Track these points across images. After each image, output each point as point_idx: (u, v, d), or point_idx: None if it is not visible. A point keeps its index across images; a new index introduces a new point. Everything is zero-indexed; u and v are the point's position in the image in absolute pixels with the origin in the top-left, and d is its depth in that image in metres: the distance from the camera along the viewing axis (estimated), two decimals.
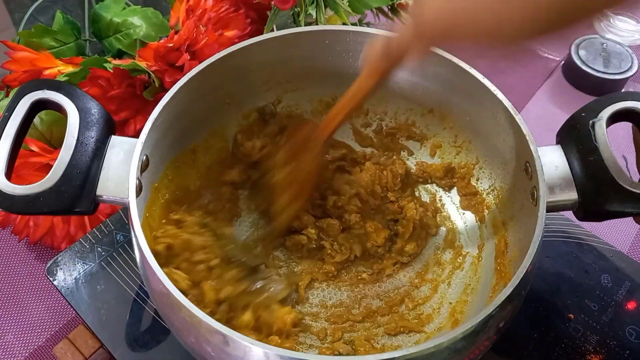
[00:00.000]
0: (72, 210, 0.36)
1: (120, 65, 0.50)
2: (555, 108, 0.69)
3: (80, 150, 0.37)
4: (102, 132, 0.39)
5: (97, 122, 0.39)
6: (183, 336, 0.36)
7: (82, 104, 0.39)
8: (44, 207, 0.36)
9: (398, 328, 0.44)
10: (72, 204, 0.36)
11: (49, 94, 0.38)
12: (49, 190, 0.36)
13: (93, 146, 0.38)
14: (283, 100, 0.51)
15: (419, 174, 0.51)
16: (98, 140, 0.38)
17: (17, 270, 0.53)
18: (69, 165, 0.36)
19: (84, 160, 0.37)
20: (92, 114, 0.39)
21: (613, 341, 0.45)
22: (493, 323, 0.34)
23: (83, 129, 0.38)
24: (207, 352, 0.34)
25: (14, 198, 0.35)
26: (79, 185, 0.36)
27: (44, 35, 0.57)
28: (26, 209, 0.36)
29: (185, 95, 0.42)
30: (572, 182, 0.38)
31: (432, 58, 0.45)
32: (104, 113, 0.39)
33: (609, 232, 0.56)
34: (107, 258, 0.48)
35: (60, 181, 0.36)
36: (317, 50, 0.47)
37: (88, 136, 0.38)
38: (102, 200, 0.38)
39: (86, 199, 0.37)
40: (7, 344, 0.49)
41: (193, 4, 0.54)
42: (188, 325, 0.34)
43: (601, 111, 0.39)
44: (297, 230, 0.47)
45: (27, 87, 0.39)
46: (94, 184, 0.37)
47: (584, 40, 0.70)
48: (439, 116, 0.50)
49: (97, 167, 0.38)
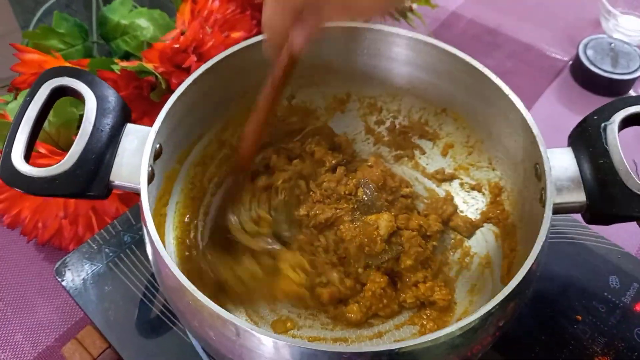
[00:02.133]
0: (86, 193, 0.37)
1: (127, 67, 0.51)
2: (562, 108, 0.68)
3: (96, 136, 0.38)
4: (118, 120, 0.39)
5: (113, 109, 0.39)
6: (188, 321, 0.37)
7: (100, 91, 0.39)
8: (59, 190, 0.37)
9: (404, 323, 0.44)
10: (86, 187, 0.37)
11: (68, 81, 0.39)
12: (64, 174, 0.36)
13: (108, 133, 0.39)
14: (297, 95, 0.52)
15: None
16: (113, 127, 0.39)
17: (26, 270, 0.54)
18: (85, 150, 0.37)
19: (99, 146, 0.38)
20: (109, 101, 0.40)
21: (621, 343, 0.45)
22: (492, 321, 0.34)
23: (100, 115, 0.39)
24: (210, 337, 0.35)
25: (31, 180, 0.36)
26: (93, 170, 0.37)
27: (50, 37, 0.58)
28: (42, 191, 0.37)
29: (202, 85, 0.43)
30: (581, 184, 0.38)
31: (444, 56, 0.45)
32: (120, 101, 0.40)
33: (617, 234, 0.55)
34: (115, 259, 0.49)
35: (75, 165, 0.37)
36: (331, 47, 0.47)
37: (104, 123, 0.39)
38: (115, 186, 0.38)
39: (100, 183, 0.38)
40: (16, 344, 0.49)
41: (199, 6, 0.54)
42: (192, 310, 0.35)
43: (613, 115, 0.39)
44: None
45: (48, 74, 0.39)
46: (108, 170, 0.38)
47: (591, 40, 0.70)
48: (451, 115, 0.50)
49: (112, 153, 0.38)
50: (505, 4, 0.81)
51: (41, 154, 0.48)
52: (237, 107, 0.49)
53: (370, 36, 0.46)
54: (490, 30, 0.77)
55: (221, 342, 0.35)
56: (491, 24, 0.78)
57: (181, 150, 0.45)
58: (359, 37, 0.47)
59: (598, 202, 0.38)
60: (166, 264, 0.34)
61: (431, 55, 0.46)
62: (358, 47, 0.47)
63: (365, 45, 0.47)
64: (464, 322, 0.32)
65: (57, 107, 0.41)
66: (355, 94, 0.52)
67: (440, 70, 0.47)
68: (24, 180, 0.36)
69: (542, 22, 0.78)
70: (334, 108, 0.53)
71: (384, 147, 0.54)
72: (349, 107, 0.53)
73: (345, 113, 0.53)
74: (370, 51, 0.48)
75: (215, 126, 0.48)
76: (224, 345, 0.35)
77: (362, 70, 0.49)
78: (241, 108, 0.49)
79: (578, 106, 0.68)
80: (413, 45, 0.46)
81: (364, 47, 0.47)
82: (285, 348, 0.32)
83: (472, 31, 0.77)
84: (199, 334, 0.37)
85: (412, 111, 0.52)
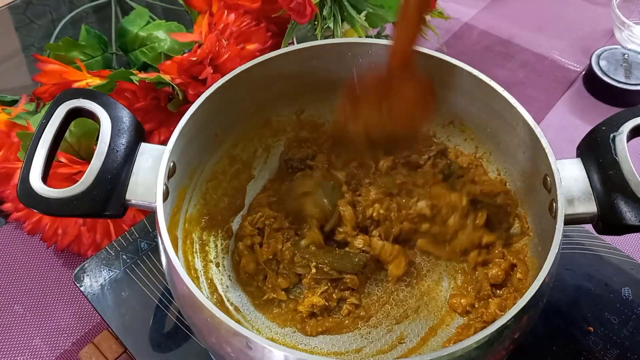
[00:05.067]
0: (103, 213, 0.38)
1: (145, 79, 0.52)
2: (575, 119, 0.68)
3: (112, 157, 0.39)
4: (133, 140, 0.40)
5: (127, 129, 0.40)
6: (205, 337, 0.37)
7: (114, 112, 0.40)
8: (76, 210, 0.37)
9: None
10: (102, 207, 0.38)
11: (84, 103, 0.40)
12: (81, 194, 0.37)
13: (123, 153, 0.39)
14: (306, 110, 0.52)
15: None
16: (128, 147, 0.40)
17: (45, 276, 0.55)
18: (101, 171, 0.38)
19: (115, 166, 0.39)
20: (124, 122, 0.40)
21: (634, 355, 0.44)
22: (508, 334, 0.34)
23: (115, 136, 0.39)
24: (228, 353, 0.35)
25: (49, 201, 0.37)
26: (109, 190, 0.38)
27: (72, 49, 0.59)
28: (59, 212, 0.37)
29: (210, 105, 0.43)
30: (592, 195, 0.38)
31: (452, 70, 0.45)
32: (134, 121, 0.41)
33: (630, 245, 0.55)
34: (132, 265, 0.50)
35: (92, 185, 0.37)
36: (340, 62, 0.48)
37: (119, 143, 0.39)
38: (130, 205, 0.39)
39: (116, 203, 0.38)
40: (35, 347, 0.50)
41: (215, 19, 0.55)
42: (209, 326, 0.35)
43: (622, 125, 0.39)
44: None
45: (64, 95, 0.40)
46: (123, 189, 0.39)
47: (605, 51, 0.70)
48: (459, 127, 0.51)
49: (127, 173, 0.39)
50: (519, 15, 0.81)
51: (62, 163, 0.49)
52: (248, 123, 0.50)
53: (378, 51, 0.47)
54: (503, 41, 0.77)
55: (239, 358, 0.35)
56: (504, 34, 0.78)
57: (193, 166, 0.46)
58: (367, 52, 0.47)
59: (609, 212, 0.38)
60: (182, 280, 0.35)
61: (439, 69, 0.46)
62: (366, 62, 0.48)
63: (374, 60, 0.48)
64: (480, 335, 0.32)
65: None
66: None
67: (447, 84, 0.47)
68: (42, 201, 0.36)
69: (556, 32, 0.79)
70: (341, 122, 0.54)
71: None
72: None
73: None
74: (377, 65, 0.48)
75: (227, 142, 0.49)
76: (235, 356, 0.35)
77: None
78: (252, 123, 0.50)
79: (591, 117, 0.68)
80: (420, 60, 0.47)
81: (371, 62, 0.48)
82: None
83: (484, 42, 0.77)
84: (215, 350, 0.37)
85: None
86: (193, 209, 0.47)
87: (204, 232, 0.48)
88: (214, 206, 0.49)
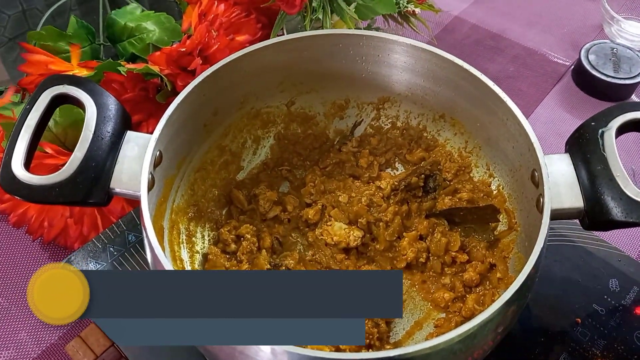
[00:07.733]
0: (86, 201, 0.38)
1: (133, 69, 0.51)
2: (564, 113, 0.69)
3: (97, 144, 0.38)
4: (118, 127, 0.40)
5: (113, 117, 0.40)
6: None
7: (100, 99, 0.40)
8: (59, 197, 0.37)
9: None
10: (86, 195, 0.37)
11: (69, 89, 0.40)
12: (65, 181, 0.37)
13: (109, 140, 0.39)
14: (296, 101, 0.52)
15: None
16: (114, 134, 0.39)
17: (31, 269, 0.54)
18: (85, 158, 0.37)
19: (100, 153, 0.38)
20: (110, 109, 0.40)
21: (621, 346, 0.45)
22: (491, 327, 0.34)
23: (100, 123, 0.39)
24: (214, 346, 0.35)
25: (31, 187, 0.36)
26: (93, 178, 0.38)
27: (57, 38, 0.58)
28: (42, 199, 0.37)
29: (199, 94, 0.43)
30: (579, 191, 0.38)
31: (443, 63, 0.45)
32: (120, 109, 0.41)
33: (618, 237, 0.55)
34: (119, 258, 0.49)
35: (75, 173, 0.37)
36: (330, 54, 0.48)
37: (104, 130, 0.39)
38: (115, 193, 0.39)
39: (100, 191, 0.38)
40: (20, 341, 0.50)
41: (205, 9, 0.55)
42: None
43: (611, 121, 0.39)
44: None
45: (49, 81, 0.40)
46: (108, 177, 0.38)
47: (594, 45, 0.70)
48: (450, 121, 0.51)
49: (112, 161, 0.39)
50: (509, 9, 0.82)
51: (47, 154, 0.48)
52: (237, 114, 0.49)
53: (370, 43, 0.47)
54: (493, 35, 0.78)
55: (221, 348, 0.35)
56: (494, 28, 0.78)
57: (181, 156, 0.46)
58: (358, 43, 0.47)
59: (596, 208, 0.38)
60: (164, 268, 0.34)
61: (430, 62, 0.46)
62: (357, 54, 0.48)
63: (365, 52, 0.48)
64: (463, 328, 0.32)
65: (63, 107, 0.42)
66: (354, 100, 0.53)
67: (438, 77, 0.47)
68: (24, 188, 0.36)
69: (546, 27, 0.79)
70: (333, 114, 0.53)
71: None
72: (347, 112, 0.54)
73: (344, 119, 0.54)
74: (370, 58, 0.48)
75: (216, 132, 0.49)
76: (224, 351, 0.35)
77: (361, 77, 0.50)
78: (242, 114, 0.50)
79: (580, 111, 0.68)
80: (412, 52, 0.47)
81: (363, 54, 0.48)
82: (284, 355, 0.32)
83: (475, 36, 0.77)
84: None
85: (410, 117, 0.52)
86: (180, 200, 0.46)
87: (191, 223, 0.47)
88: (202, 197, 0.48)
